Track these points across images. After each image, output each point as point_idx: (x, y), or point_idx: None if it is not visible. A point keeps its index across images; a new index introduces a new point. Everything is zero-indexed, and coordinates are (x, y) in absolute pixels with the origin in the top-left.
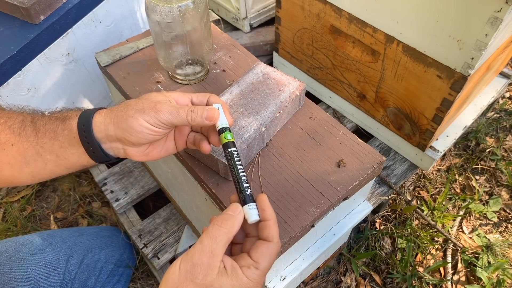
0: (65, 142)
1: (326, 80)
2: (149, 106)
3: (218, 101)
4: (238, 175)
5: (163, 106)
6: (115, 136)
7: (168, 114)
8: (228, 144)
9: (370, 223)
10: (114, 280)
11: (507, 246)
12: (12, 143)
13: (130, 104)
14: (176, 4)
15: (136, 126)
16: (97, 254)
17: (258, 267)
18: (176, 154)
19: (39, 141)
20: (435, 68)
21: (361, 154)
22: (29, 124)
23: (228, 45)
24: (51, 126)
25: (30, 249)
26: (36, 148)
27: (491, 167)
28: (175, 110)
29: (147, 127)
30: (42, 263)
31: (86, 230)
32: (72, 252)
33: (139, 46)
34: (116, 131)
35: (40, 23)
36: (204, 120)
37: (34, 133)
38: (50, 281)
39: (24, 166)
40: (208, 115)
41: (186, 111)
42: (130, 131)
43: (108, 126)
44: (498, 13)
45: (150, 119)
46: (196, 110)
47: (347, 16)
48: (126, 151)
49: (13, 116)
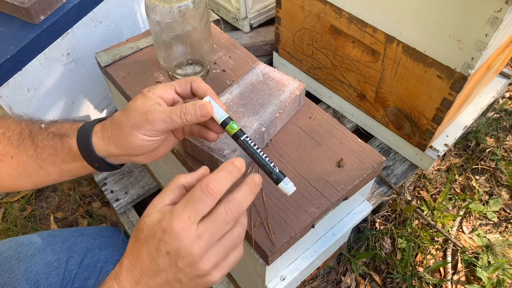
0: (66, 158)
1: (326, 80)
2: (141, 119)
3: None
4: (261, 159)
5: (154, 115)
6: (119, 153)
7: (162, 122)
8: (237, 134)
9: (370, 223)
10: None
11: (507, 246)
12: (12, 155)
13: (121, 122)
14: (176, 4)
15: (137, 141)
16: (97, 254)
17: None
18: (176, 154)
19: (38, 155)
20: (435, 68)
21: (361, 154)
22: (27, 138)
23: (228, 45)
24: (50, 142)
25: (30, 249)
26: (36, 162)
27: (491, 167)
28: (168, 117)
29: (148, 139)
30: (42, 263)
31: (86, 230)
32: (72, 252)
33: (139, 46)
34: (119, 150)
35: (40, 23)
36: (199, 118)
37: (33, 147)
38: (50, 281)
39: (26, 176)
40: (202, 113)
41: (179, 114)
42: (133, 147)
43: (109, 147)
44: (498, 13)
45: (147, 132)
46: (189, 110)
47: (347, 16)
48: (132, 159)
49: (12, 126)
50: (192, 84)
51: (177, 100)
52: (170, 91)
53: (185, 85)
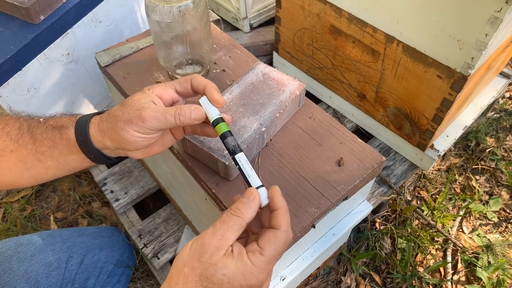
0: (64, 150)
1: (326, 80)
2: (135, 115)
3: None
4: (241, 166)
5: (148, 113)
6: (113, 147)
7: (155, 121)
8: (224, 135)
9: (370, 223)
10: (114, 280)
11: (507, 246)
12: (11, 150)
13: (117, 116)
14: (176, 4)
15: (128, 137)
16: (97, 254)
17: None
18: (176, 154)
19: (38, 149)
20: (435, 68)
21: (361, 154)
22: (26, 132)
23: (228, 45)
24: (48, 135)
25: (30, 249)
26: (36, 155)
27: (491, 167)
28: (162, 116)
29: (139, 136)
30: (42, 263)
31: (86, 230)
32: (72, 252)
33: (139, 46)
34: (113, 143)
35: (40, 23)
36: (192, 120)
37: (32, 141)
38: (50, 281)
39: (25, 171)
40: (196, 116)
41: (173, 114)
42: (125, 142)
43: (104, 139)
44: (498, 13)
45: (139, 129)
46: (184, 112)
47: (347, 16)
48: (128, 153)
49: (10, 122)
50: (192, 81)
51: (177, 100)
52: (170, 90)
53: (185, 84)
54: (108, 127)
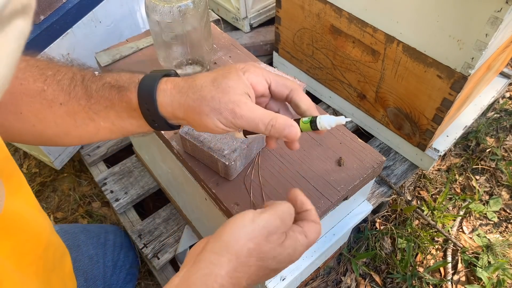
0: (123, 113)
1: (326, 80)
2: (227, 108)
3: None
4: None
5: (242, 112)
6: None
7: (246, 123)
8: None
9: (370, 223)
10: (128, 279)
11: (507, 246)
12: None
13: (204, 97)
14: (176, 4)
15: (210, 124)
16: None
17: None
18: (176, 154)
19: (92, 106)
20: (435, 68)
21: (361, 154)
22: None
23: (228, 45)
24: (105, 93)
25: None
26: (88, 114)
27: (491, 167)
28: (254, 122)
29: (221, 127)
30: (86, 255)
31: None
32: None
33: (139, 46)
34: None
35: (40, 23)
36: (283, 137)
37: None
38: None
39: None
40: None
41: (266, 124)
42: (202, 127)
43: (175, 111)
44: (498, 13)
45: (226, 122)
46: (278, 126)
47: (347, 16)
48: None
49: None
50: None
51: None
52: (264, 84)
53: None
54: (188, 104)
